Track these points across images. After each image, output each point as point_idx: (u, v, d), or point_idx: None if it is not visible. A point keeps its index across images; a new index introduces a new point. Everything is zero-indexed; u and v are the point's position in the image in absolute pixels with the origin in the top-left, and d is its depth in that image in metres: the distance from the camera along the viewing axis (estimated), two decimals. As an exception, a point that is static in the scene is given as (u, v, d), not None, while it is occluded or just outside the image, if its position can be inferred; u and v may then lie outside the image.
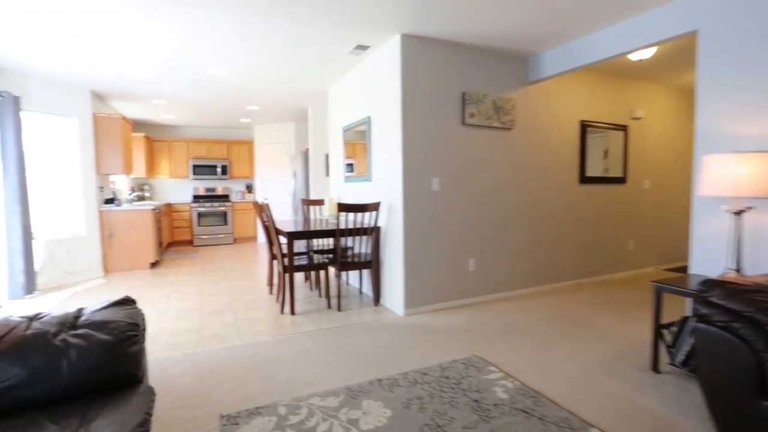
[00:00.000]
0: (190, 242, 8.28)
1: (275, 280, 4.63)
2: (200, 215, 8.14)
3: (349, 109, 4.86)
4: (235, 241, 8.56)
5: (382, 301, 4.09)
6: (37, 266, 4.82)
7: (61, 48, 3.95)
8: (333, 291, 4.47)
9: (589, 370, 2.57)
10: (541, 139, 4.37)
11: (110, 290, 4.78)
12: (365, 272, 4.46)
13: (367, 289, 4.45)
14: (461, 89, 3.85)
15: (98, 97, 5.74)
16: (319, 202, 5.01)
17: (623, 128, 5.00)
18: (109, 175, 6.18)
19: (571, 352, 2.86)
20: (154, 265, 6.19)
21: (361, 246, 4.01)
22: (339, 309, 3.88)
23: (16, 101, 4.44)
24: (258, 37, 3.63)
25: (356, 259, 3.92)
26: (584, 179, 4.70)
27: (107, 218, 5.63)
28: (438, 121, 3.76)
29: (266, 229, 4.36)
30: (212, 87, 5.30)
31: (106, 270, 5.68)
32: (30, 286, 4.56)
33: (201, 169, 8.37)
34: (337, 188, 5.42)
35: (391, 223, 3.85)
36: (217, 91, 5.54)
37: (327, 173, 6.51)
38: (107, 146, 5.60)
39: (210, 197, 8.67)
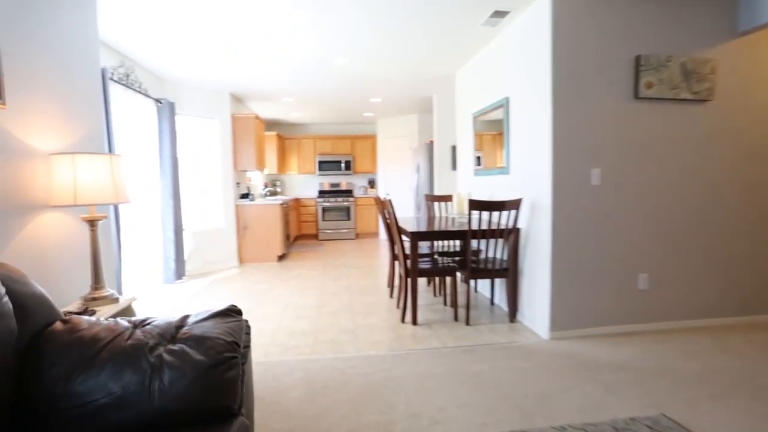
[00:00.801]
0: (316, 236, 8.54)
1: (396, 282, 4.31)
2: (325, 210, 8.32)
3: (480, 93, 4.24)
4: (357, 236, 8.58)
5: (519, 316, 3.42)
6: (186, 255, 5.28)
7: (209, 59, 4.26)
8: (460, 300, 3.93)
9: None
10: (753, 114, 3.18)
11: (243, 280, 4.99)
12: (498, 281, 3.83)
13: (500, 300, 3.81)
14: (634, 52, 2.95)
15: (236, 99, 6.10)
16: (446, 198, 4.51)
17: None
18: (245, 171, 6.58)
19: (836, 431, 1.86)
20: (281, 257, 6.42)
21: (495, 250, 3.40)
22: (467, 323, 3.34)
23: (171, 107, 4.86)
24: (382, 12, 3.26)
25: (489, 266, 3.32)
26: (820, 168, 3.32)
27: (242, 212, 5.97)
28: (600, 96, 2.93)
29: (388, 226, 4.03)
30: (336, 79, 5.18)
31: (241, 260, 6.04)
32: (180, 272, 5.00)
33: (326, 165, 8.57)
34: (465, 183, 4.85)
35: (535, 224, 3.15)
36: (341, 83, 5.41)
37: (454, 166, 5.97)
38: (243, 144, 5.93)
39: (334, 192, 8.84)
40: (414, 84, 5.54)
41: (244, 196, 6.19)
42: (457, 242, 4.57)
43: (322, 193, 8.78)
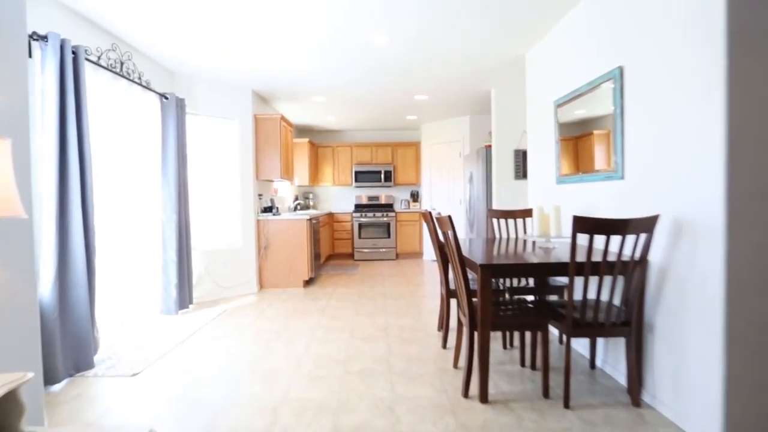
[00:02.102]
0: (351, 255, 7.57)
1: (451, 322, 3.19)
2: (361, 226, 7.36)
3: (568, 70, 3.13)
4: (398, 256, 7.53)
5: (647, 396, 2.22)
6: (194, 279, 4.44)
7: (227, 47, 3.55)
8: (552, 362, 2.75)
9: None
10: None
11: (257, 313, 4.06)
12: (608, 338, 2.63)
13: (606, 362, 2.61)
14: None
15: (260, 98, 5.31)
16: (517, 215, 3.41)
17: None
18: (271, 181, 5.75)
19: None
20: (308, 282, 5.48)
21: (604, 291, 2.24)
22: (566, 404, 2.18)
23: (180, 104, 4.10)
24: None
25: (602, 318, 2.16)
26: None
27: (263, 228, 5.10)
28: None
29: (441, 250, 2.97)
30: (373, 68, 4.23)
31: (261, 285, 5.14)
32: (184, 301, 4.15)
33: (363, 176, 7.63)
34: (542, 194, 3.71)
35: (682, 255, 1.98)
36: (380, 73, 4.45)
37: (519, 174, 4.84)
38: (267, 149, 5.09)
39: (372, 206, 7.88)
40: (468, 75, 4.49)
41: (267, 209, 5.34)
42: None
43: (359, 208, 7.84)
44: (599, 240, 2.57)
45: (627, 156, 2.41)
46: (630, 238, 2.23)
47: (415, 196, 7.82)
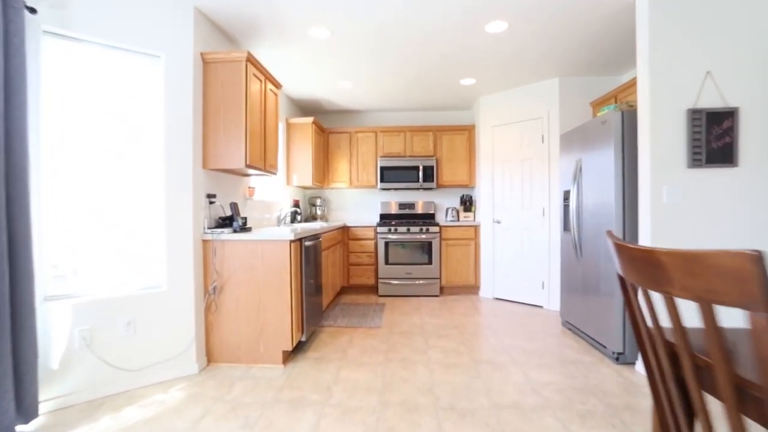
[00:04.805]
0: (373, 288, 5.25)
1: None
2: (389, 246, 5.04)
3: None
4: (442, 290, 5.15)
5: None
6: (58, 356, 2.25)
7: None
8: None
9: None
10: None
11: (151, 458, 1.81)
12: None
13: None
14: None
15: (215, 29, 3.12)
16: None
17: None
18: (247, 175, 3.54)
19: None
20: (295, 351, 3.19)
21: None
22: None
23: (16, 10, 1.96)
24: None
25: None
26: None
27: (215, 255, 2.86)
28: None
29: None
30: None
31: (208, 357, 2.89)
32: (7, 411, 1.95)
33: (393, 174, 5.33)
34: None
35: None
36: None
37: (706, 157, 2.45)
38: (222, 115, 2.88)
39: (406, 217, 5.56)
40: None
41: (225, 222, 3.09)
42: None
43: (387, 219, 5.54)
44: None
45: None
46: None
47: (467, 203, 5.44)
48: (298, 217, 4.92)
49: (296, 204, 5.03)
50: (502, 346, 3.19)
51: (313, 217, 5.53)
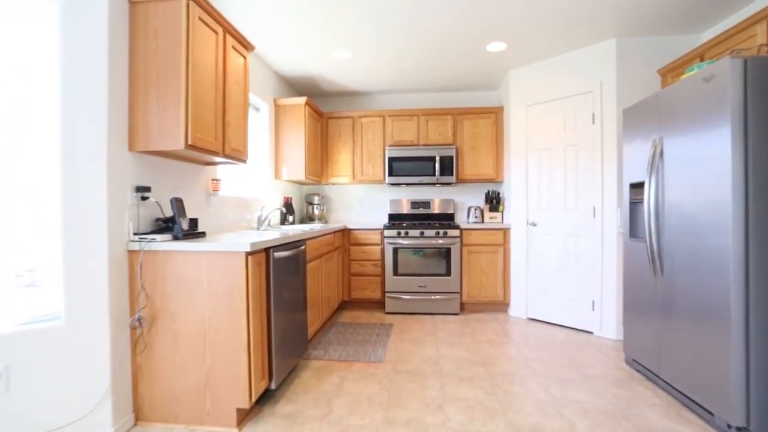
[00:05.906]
0: (380, 303, 4.39)
1: None
2: (398, 252, 4.16)
3: None
4: (463, 307, 4.24)
5: None
6: None
7: None
8: None
9: None
10: None
11: None
12: None
13: None
14: None
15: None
16: None
17: None
18: (211, 164, 2.73)
19: None
20: (261, 400, 2.34)
21: None
22: None
23: None
24: None
25: None
26: None
27: (145, 272, 2.04)
28: None
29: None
30: None
31: (137, 415, 2.07)
32: None
33: (404, 166, 4.44)
34: None
35: None
36: None
37: None
38: (155, 79, 2.05)
39: (419, 218, 4.68)
40: None
41: (163, 226, 2.27)
42: None
43: (396, 220, 4.67)
44: None
45: None
46: None
47: (494, 202, 4.50)
48: (290, 218, 4.10)
49: (287, 202, 4.20)
50: (551, 401, 2.28)
51: (309, 218, 4.70)
